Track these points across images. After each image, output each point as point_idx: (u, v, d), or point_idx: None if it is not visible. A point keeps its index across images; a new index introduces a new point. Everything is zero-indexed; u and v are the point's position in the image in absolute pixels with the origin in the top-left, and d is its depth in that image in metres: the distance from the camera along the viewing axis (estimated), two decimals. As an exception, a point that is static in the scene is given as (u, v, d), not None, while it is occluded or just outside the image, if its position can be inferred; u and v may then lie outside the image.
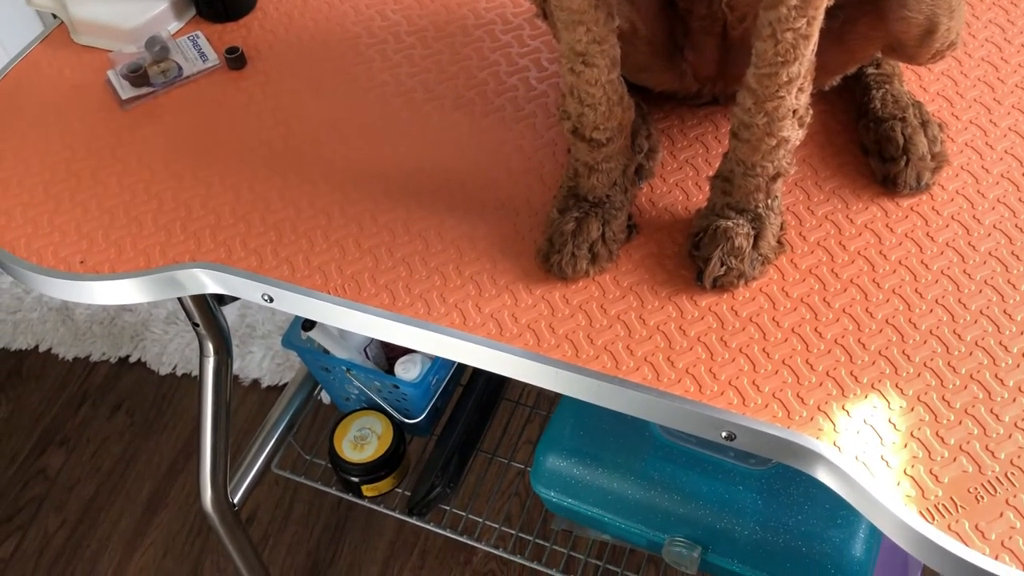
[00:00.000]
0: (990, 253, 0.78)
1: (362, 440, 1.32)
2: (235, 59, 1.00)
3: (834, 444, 0.68)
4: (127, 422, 1.80)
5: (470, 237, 0.84)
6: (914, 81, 0.91)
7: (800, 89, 0.70)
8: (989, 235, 0.79)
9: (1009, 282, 0.76)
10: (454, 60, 0.99)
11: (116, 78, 0.99)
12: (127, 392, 1.84)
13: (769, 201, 0.77)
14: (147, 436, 1.76)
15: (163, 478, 1.71)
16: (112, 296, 0.84)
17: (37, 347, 1.91)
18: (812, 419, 0.70)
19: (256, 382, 1.80)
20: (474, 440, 1.42)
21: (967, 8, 0.97)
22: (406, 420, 1.30)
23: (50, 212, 0.89)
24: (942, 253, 0.78)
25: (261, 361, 1.81)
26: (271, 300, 0.83)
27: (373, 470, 1.29)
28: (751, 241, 0.76)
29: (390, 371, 1.26)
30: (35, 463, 1.75)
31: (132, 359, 1.87)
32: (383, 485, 1.31)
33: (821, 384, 0.72)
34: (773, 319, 0.76)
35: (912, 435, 0.68)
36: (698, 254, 0.78)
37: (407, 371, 1.25)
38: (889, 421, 0.69)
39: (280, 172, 0.91)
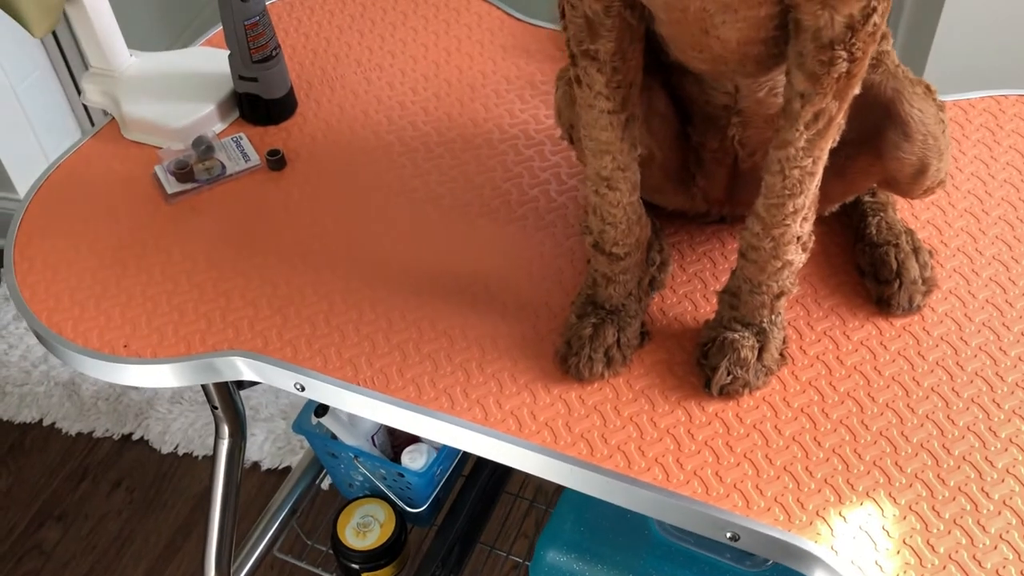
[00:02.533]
0: (976, 373, 0.84)
1: (365, 527, 1.35)
2: (276, 160, 1.07)
3: (831, 548, 0.73)
4: (126, 499, 1.82)
5: (492, 336, 0.89)
6: (906, 209, 0.99)
7: (804, 219, 0.77)
8: (975, 356, 0.85)
9: (994, 401, 0.82)
10: (480, 171, 1.06)
11: (163, 173, 1.05)
12: (128, 469, 1.87)
13: (773, 317, 0.83)
14: (145, 515, 1.78)
15: (158, 558, 1.72)
16: (153, 380, 0.89)
17: (41, 420, 1.94)
18: (811, 523, 0.74)
19: (256, 464, 1.83)
20: (476, 531, 1.45)
21: (954, 144, 1.05)
22: (409, 509, 1.33)
23: (96, 297, 0.95)
24: (932, 371, 0.85)
25: (263, 444, 1.85)
26: (303, 389, 0.88)
27: (374, 558, 1.31)
28: (756, 353, 0.82)
29: (396, 459, 1.30)
30: (32, 537, 1.76)
31: (135, 436, 1.90)
32: (383, 573, 1.33)
33: (820, 491, 0.77)
34: (775, 427, 0.81)
35: (904, 542, 0.73)
36: (706, 363, 0.83)
37: (413, 460, 1.28)
38: (883, 528, 0.74)
39: (315, 268, 0.97)
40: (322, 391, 0.87)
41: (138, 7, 2.17)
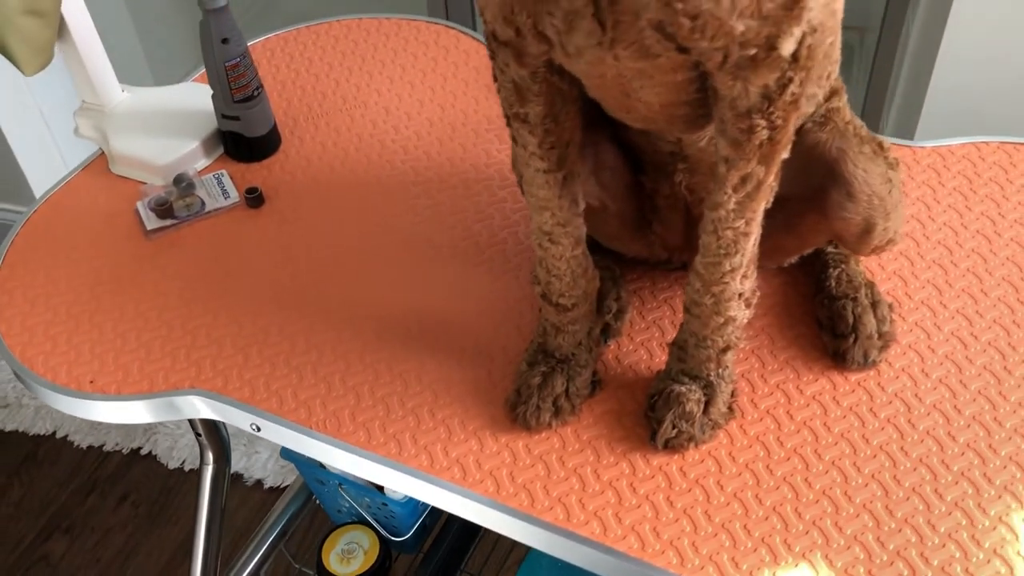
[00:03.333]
0: (928, 432, 0.83)
1: (349, 554, 1.37)
2: (254, 199, 1.09)
3: (762, 610, 0.73)
4: (132, 513, 1.86)
5: (446, 381, 0.90)
6: (873, 259, 0.98)
7: (744, 276, 0.76)
8: (928, 415, 0.84)
9: (943, 462, 0.81)
10: (453, 211, 1.08)
11: (144, 209, 1.08)
12: (135, 483, 1.90)
13: (720, 370, 0.83)
14: (150, 529, 1.81)
15: (160, 572, 1.75)
16: (115, 415, 0.92)
17: (55, 433, 1.99)
18: (744, 584, 0.74)
19: (260, 482, 1.86)
20: (460, 561, 1.46)
21: (929, 192, 1.04)
22: (393, 537, 1.35)
23: (68, 332, 0.98)
24: (883, 429, 0.84)
25: (266, 462, 1.87)
26: (259, 429, 0.90)
27: (357, 585, 1.33)
28: (702, 407, 0.82)
29: (381, 487, 1.32)
30: (39, 549, 1.80)
31: (143, 451, 1.94)
32: (365, 600, 1.35)
33: (756, 550, 0.76)
34: (718, 482, 0.81)
35: (836, 606, 0.73)
36: (653, 415, 0.84)
37: (396, 490, 1.30)
38: (816, 591, 0.74)
39: (283, 307, 0.99)
40: (277, 433, 0.89)
41: (147, 39, 2.22)
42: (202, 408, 0.91)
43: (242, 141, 1.13)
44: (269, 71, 1.29)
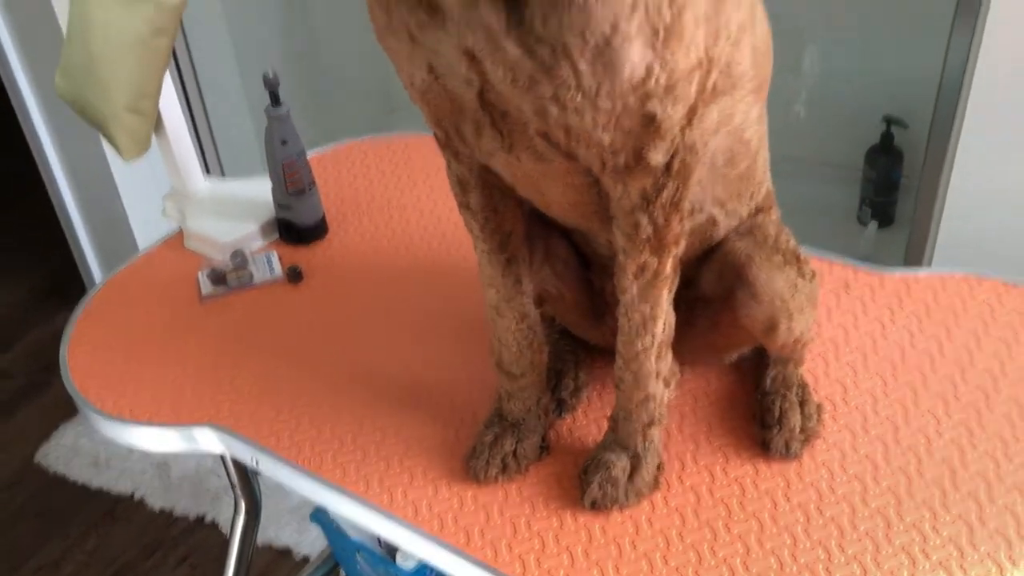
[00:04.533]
0: (832, 519, 0.91)
1: (362, 619, 1.47)
2: (294, 275, 1.28)
3: (646, 652, 0.81)
4: (189, 574, 2.01)
5: (419, 436, 1.04)
6: (820, 366, 1.07)
7: (659, 356, 0.88)
8: (836, 503, 0.92)
9: (840, 546, 0.88)
10: (463, 295, 1.23)
11: (202, 277, 1.28)
12: (196, 547, 2.07)
13: (646, 443, 0.93)
14: (202, 591, 1.96)
15: (206, 633, 1.89)
16: (143, 440, 1.09)
17: (133, 494, 2.19)
18: (634, 628, 0.83)
19: (306, 558, 1.99)
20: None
21: (886, 313, 1.13)
22: (404, 607, 1.44)
23: (120, 371, 1.17)
24: (792, 512, 0.92)
25: (314, 540, 2.01)
26: (257, 463, 1.05)
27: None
28: (627, 474, 0.92)
29: (394, 557, 1.43)
30: (102, 595, 1.98)
31: (207, 519, 2.11)
32: (374, 665, 1.44)
33: (651, 601, 0.85)
34: (632, 542, 0.90)
35: (712, 657, 0.80)
36: (584, 478, 0.94)
37: (406, 560, 1.41)
38: (697, 642, 0.81)
39: (296, 365, 1.15)
40: (272, 467, 1.04)
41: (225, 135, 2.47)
42: (213, 440, 1.07)
43: (293, 227, 1.33)
44: (332, 173, 1.50)
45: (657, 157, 0.73)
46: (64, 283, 2.67)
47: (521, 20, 0.65)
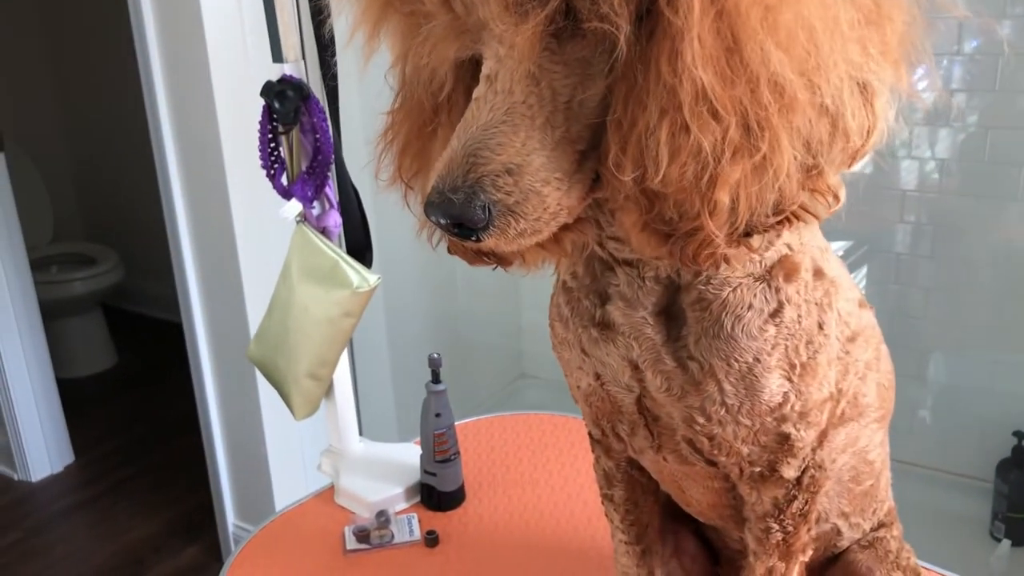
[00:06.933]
0: None
1: None
2: (431, 539, 1.36)
3: None
4: None
5: None
6: None
7: None
8: None
9: None
10: (581, 570, 1.28)
11: (348, 533, 1.38)
12: None
13: None
14: None
15: None
16: None
17: None
18: None
19: None
20: None
21: None
22: None
23: (267, 614, 1.25)
24: None
25: None
26: None
27: None
28: None
29: None
30: None
31: None
32: None
33: None
34: None
35: None
36: None
37: None
38: None
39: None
40: None
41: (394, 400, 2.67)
42: None
43: (434, 493, 1.43)
44: (472, 443, 1.62)
45: (789, 472, 0.81)
46: (198, 522, 2.82)
47: (678, 336, 0.76)
